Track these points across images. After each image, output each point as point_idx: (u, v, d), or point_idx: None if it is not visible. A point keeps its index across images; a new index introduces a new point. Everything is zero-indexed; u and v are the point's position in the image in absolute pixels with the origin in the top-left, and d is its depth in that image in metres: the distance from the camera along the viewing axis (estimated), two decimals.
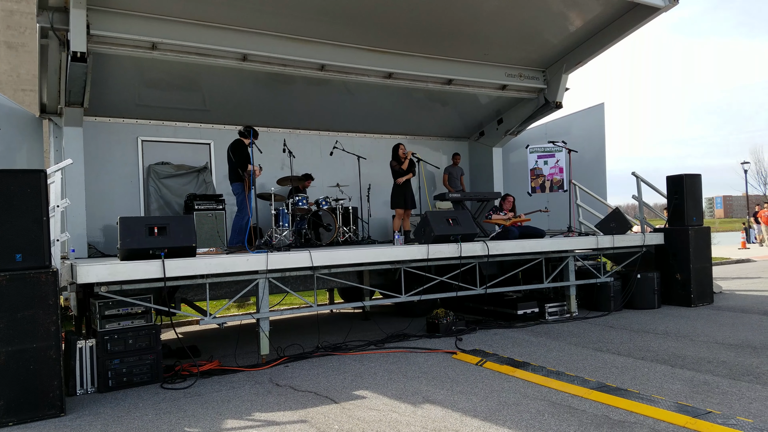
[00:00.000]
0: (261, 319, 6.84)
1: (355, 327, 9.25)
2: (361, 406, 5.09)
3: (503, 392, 5.30)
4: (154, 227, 6.10)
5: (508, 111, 12.99)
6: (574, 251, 9.45)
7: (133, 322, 6.08)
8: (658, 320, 8.72)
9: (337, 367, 6.57)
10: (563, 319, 9.12)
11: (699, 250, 9.97)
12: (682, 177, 10.18)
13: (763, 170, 45.48)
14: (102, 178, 10.10)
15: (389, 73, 10.52)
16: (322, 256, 7.19)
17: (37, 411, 5.01)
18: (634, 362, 6.25)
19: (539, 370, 6.00)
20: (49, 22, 7.55)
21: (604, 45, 10.56)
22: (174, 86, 9.87)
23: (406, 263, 8.01)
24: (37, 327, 5.02)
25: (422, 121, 13.26)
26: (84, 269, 5.56)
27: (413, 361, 6.71)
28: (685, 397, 4.95)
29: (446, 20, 9.53)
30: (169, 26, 8.48)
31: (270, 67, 9.57)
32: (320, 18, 9.07)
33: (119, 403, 5.49)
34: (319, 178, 11.94)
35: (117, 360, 5.91)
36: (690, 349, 6.78)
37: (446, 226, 8.24)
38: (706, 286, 10.08)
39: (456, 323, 8.40)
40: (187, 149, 11.07)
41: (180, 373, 6.30)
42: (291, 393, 5.58)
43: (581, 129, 13.17)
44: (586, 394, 5.10)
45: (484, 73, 11.33)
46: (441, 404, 5.02)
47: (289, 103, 11.24)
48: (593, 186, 11.85)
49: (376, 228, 12.64)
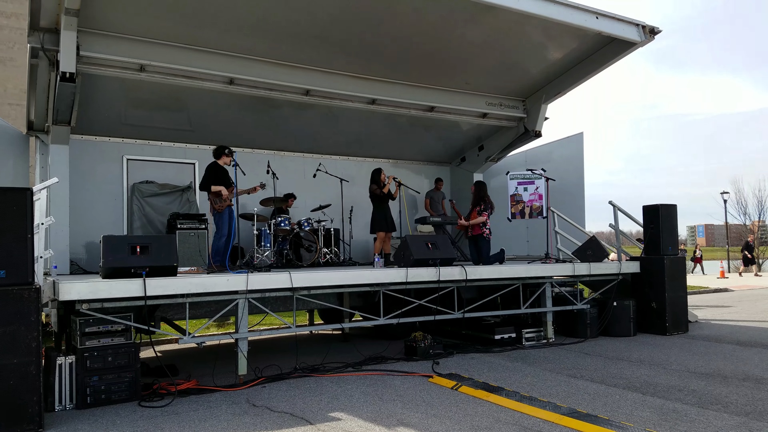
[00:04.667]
0: (239, 339, 6.90)
1: (333, 349, 9.31)
2: (335, 428, 5.17)
3: (476, 416, 5.40)
4: (136, 246, 6.19)
5: (488, 138, 13.27)
6: (552, 278, 9.63)
7: (113, 340, 6.13)
8: (633, 348, 8.89)
9: (314, 388, 6.64)
10: (540, 345, 9.25)
11: (674, 279, 10.18)
12: (658, 207, 10.42)
13: (742, 200, 46.22)
14: (86, 196, 10.14)
15: (373, 99, 10.75)
16: (302, 277, 7.29)
17: (16, 426, 5.03)
18: (606, 389, 6.39)
19: (513, 395, 6.12)
20: (39, 42, 7.69)
21: (582, 77, 10.89)
22: (160, 107, 10.00)
23: (385, 286, 8.12)
24: (18, 343, 5.06)
25: (405, 146, 13.50)
26: (66, 286, 5.62)
27: (390, 383, 6.79)
28: (653, 425, 5.08)
29: (429, 49, 9.79)
30: (157, 49, 8.65)
31: (256, 91, 9.77)
32: (306, 44, 9.29)
33: (97, 420, 5.51)
34: (302, 199, 12.07)
35: (96, 377, 5.94)
36: (662, 377, 6.94)
37: (425, 250, 8.39)
38: (680, 315, 10.26)
39: (434, 347, 8.49)
40: (171, 169, 11.17)
41: (158, 392, 6.33)
42: (267, 414, 5.65)
43: (561, 157, 13.44)
44: (557, 420, 5.23)
45: (465, 101, 11.62)
46: (415, 427, 5.11)
47: (274, 126, 11.41)
48: (572, 213, 12.07)
49: (357, 250, 12.77)
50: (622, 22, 9.46)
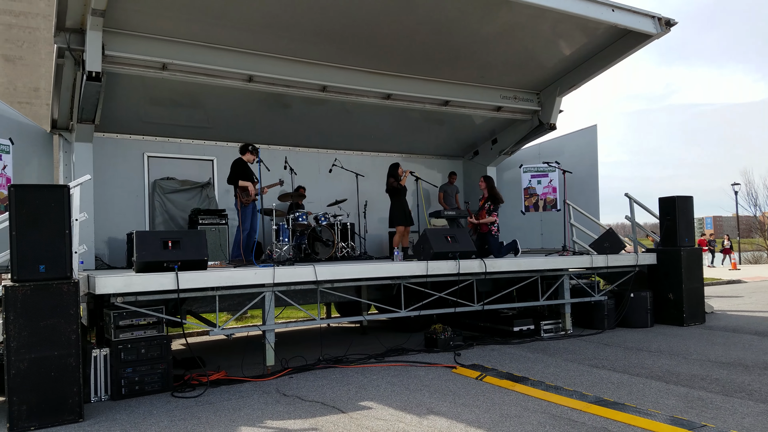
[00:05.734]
0: (267, 331, 7.03)
1: (354, 341, 9.44)
2: (368, 416, 5.29)
3: (504, 405, 5.51)
4: (168, 241, 6.33)
5: (502, 131, 13.33)
6: (569, 270, 9.71)
7: (146, 332, 6.27)
8: (652, 338, 8.97)
9: (340, 379, 6.76)
10: (558, 337, 9.35)
11: (691, 270, 10.24)
12: (674, 199, 10.47)
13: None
14: (108, 193, 10.30)
15: (388, 94, 10.82)
16: (326, 270, 7.41)
17: (57, 416, 5.19)
18: (630, 378, 6.48)
19: (538, 385, 6.22)
20: (65, 42, 7.83)
21: (597, 69, 10.92)
22: (179, 104, 10.14)
23: (405, 279, 8.23)
24: (59, 335, 5.21)
25: (418, 141, 13.58)
26: (102, 280, 5.76)
27: (414, 374, 6.91)
28: (680, 412, 5.17)
29: (444, 44, 9.86)
30: (179, 48, 8.77)
31: (274, 87, 9.87)
32: (323, 41, 9.38)
33: (133, 410, 5.66)
34: (317, 194, 12.19)
35: (130, 369, 6.08)
36: (683, 366, 7.02)
37: (445, 244, 8.49)
38: (697, 306, 10.33)
39: (454, 338, 8.59)
40: (191, 165, 11.32)
41: (189, 383, 6.48)
42: (299, 403, 5.77)
43: (574, 149, 13.50)
44: (585, 408, 5.33)
45: (479, 95, 11.67)
46: (445, 415, 5.22)
47: (289, 122, 11.53)
48: (586, 205, 12.14)
49: (371, 244, 12.88)
50: (638, 14, 9.48)
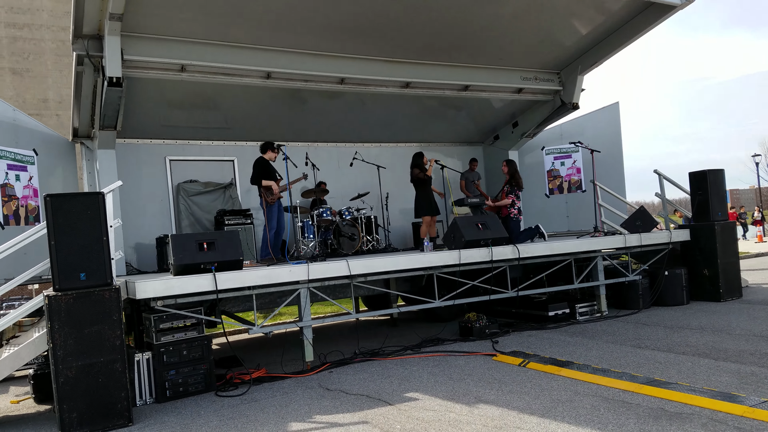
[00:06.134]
0: (304, 327, 7.00)
1: (385, 333, 9.39)
2: (416, 407, 5.23)
3: (553, 390, 5.42)
4: (203, 243, 6.30)
5: (523, 114, 13.14)
6: (602, 251, 9.57)
7: (186, 334, 6.26)
8: (690, 316, 8.83)
9: (380, 371, 6.71)
10: (594, 319, 9.23)
11: (725, 245, 10.06)
12: (705, 173, 10.29)
13: None
14: (133, 198, 10.27)
15: (407, 82, 10.69)
16: (359, 264, 7.35)
17: (107, 421, 5.20)
18: (676, 357, 6.36)
19: (584, 368, 6.12)
20: (84, 49, 7.78)
21: (618, 45, 10.72)
22: (198, 106, 10.08)
23: (438, 269, 8.16)
24: (104, 342, 5.21)
25: (436, 128, 13.43)
26: (141, 285, 5.75)
27: (454, 363, 6.84)
28: (735, 388, 5.05)
29: (461, 28, 9.72)
30: (196, 48, 8.69)
31: (292, 83, 9.77)
32: (339, 33, 9.28)
33: (180, 411, 5.65)
34: (337, 188, 12.11)
35: (173, 371, 6.08)
36: (729, 342, 6.88)
37: (476, 231, 8.39)
38: (734, 281, 10.15)
39: (489, 326, 8.51)
40: (212, 167, 11.28)
41: (232, 381, 6.47)
42: (344, 396, 5.73)
43: (596, 129, 13.29)
44: (637, 389, 5.22)
45: (500, 77, 11.48)
46: (495, 404, 5.15)
47: (307, 118, 11.43)
48: (611, 185, 11.95)
49: (394, 236, 12.79)
50: None
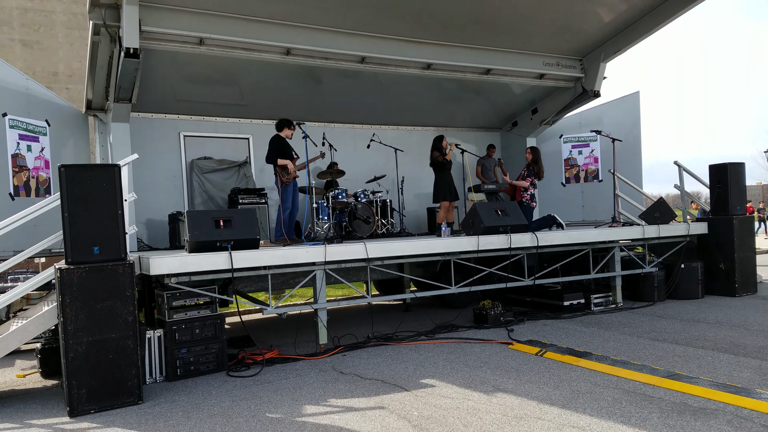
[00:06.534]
0: (319, 309, 6.90)
1: (398, 318, 9.30)
2: (432, 393, 5.13)
3: (573, 381, 5.31)
4: (220, 220, 6.18)
5: (543, 100, 12.91)
6: (619, 242, 9.41)
7: (199, 312, 6.17)
8: (706, 310, 8.69)
9: (395, 356, 6.62)
10: (609, 310, 9.10)
11: (743, 239, 9.90)
12: (726, 166, 10.09)
13: None
14: (145, 173, 10.13)
15: (428, 64, 10.49)
16: (376, 247, 7.23)
17: (116, 399, 5.12)
18: (695, 351, 6.23)
19: (603, 360, 6.00)
20: (101, 18, 7.63)
21: (642, 33, 10.49)
22: (215, 81, 9.92)
23: (455, 255, 8.03)
24: (116, 317, 5.12)
25: (454, 113, 13.24)
26: (156, 261, 5.64)
27: (469, 351, 6.73)
28: (758, 385, 4.93)
29: (485, 10, 9.51)
30: (215, 21, 8.53)
31: (312, 60, 9.58)
32: (361, 10, 9.08)
33: (191, 390, 5.58)
34: (353, 170, 11.97)
35: (184, 349, 6.00)
36: (747, 338, 6.75)
37: (496, 218, 8.24)
38: (750, 276, 10.01)
39: (504, 314, 8.40)
40: (227, 144, 11.15)
41: (244, 362, 6.40)
42: (359, 381, 5.64)
43: (616, 118, 13.07)
44: (659, 383, 5.10)
45: (521, 62, 11.27)
46: (514, 393, 5.04)
47: (324, 98, 11.26)
48: (628, 175, 11.75)
49: (408, 220, 12.65)
50: None
